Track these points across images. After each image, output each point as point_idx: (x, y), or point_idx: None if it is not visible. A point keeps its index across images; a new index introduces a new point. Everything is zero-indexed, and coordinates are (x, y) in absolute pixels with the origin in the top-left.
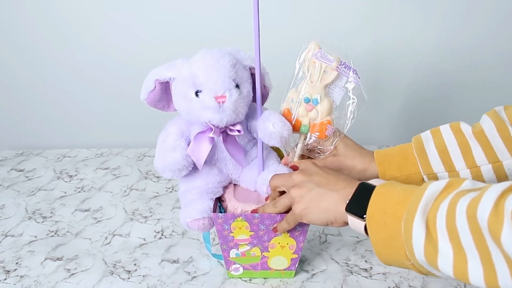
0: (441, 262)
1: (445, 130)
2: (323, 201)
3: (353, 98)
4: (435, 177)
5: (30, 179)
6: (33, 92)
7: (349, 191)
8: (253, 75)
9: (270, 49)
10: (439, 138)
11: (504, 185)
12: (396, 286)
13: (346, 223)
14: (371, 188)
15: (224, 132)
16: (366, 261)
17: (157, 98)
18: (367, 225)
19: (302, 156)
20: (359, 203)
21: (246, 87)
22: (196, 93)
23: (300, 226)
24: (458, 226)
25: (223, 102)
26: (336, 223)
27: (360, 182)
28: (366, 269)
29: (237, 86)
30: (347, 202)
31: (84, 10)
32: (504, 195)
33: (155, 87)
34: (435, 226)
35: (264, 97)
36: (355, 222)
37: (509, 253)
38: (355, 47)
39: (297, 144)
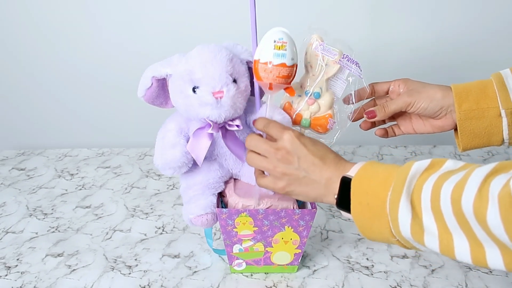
0: (427, 239)
1: None
2: (311, 190)
3: (354, 91)
4: None
5: (31, 177)
6: (35, 92)
7: (335, 183)
8: (250, 69)
9: None
10: None
11: (487, 168)
12: (398, 285)
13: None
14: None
15: (223, 127)
16: (367, 259)
17: (155, 95)
18: (351, 207)
19: None
20: (345, 198)
21: (244, 82)
22: (194, 89)
23: (304, 221)
24: (443, 209)
25: (221, 98)
26: (324, 202)
27: (342, 176)
28: (367, 267)
29: (235, 80)
30: (336, 198)
31: (85, 9)
32: (487, 179)
33: (152, 84)
34: (420, 206)
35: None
36: (346, 213)
37: (497, 234)
38: (355, 42)
39: None
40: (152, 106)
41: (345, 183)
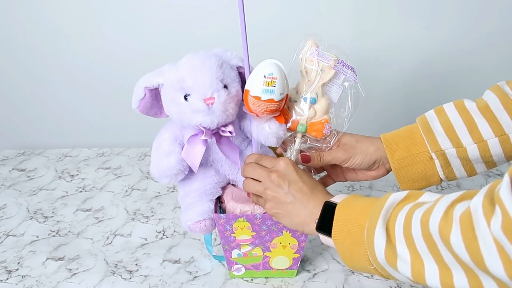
0: (400, 265)
1: (449, 108)
2: (295, 216)
3: (350, 96)
4: (443, 154)
5: (32, 178)
6: (35, 92)
7: (318, 209)
8: (241, 74)
9: (262, 48)
10: (443, 116)
11: (454, 195)
12: (398, 286)
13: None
14: (334, 205)
15: (217, 133)
16: None
17: (148, 105)
18: (332, 233)
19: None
20: (326, 223)
21: (235, 87)
22: (185, 97)
23: None
24: (413, 234)
25: (212, 104)
26: (305, 233)
27: (325, 201)
28: None
29: (225, 86)
30: (316, 222)
31: (85, 8)
32: (453, 204)
33: (145, 94)
34: (393, 233)
35: None
36: (325, 238)
37: (459, 254)
38: (350, 46)
39: (295, 141)
40: None
41: (328, 208)
